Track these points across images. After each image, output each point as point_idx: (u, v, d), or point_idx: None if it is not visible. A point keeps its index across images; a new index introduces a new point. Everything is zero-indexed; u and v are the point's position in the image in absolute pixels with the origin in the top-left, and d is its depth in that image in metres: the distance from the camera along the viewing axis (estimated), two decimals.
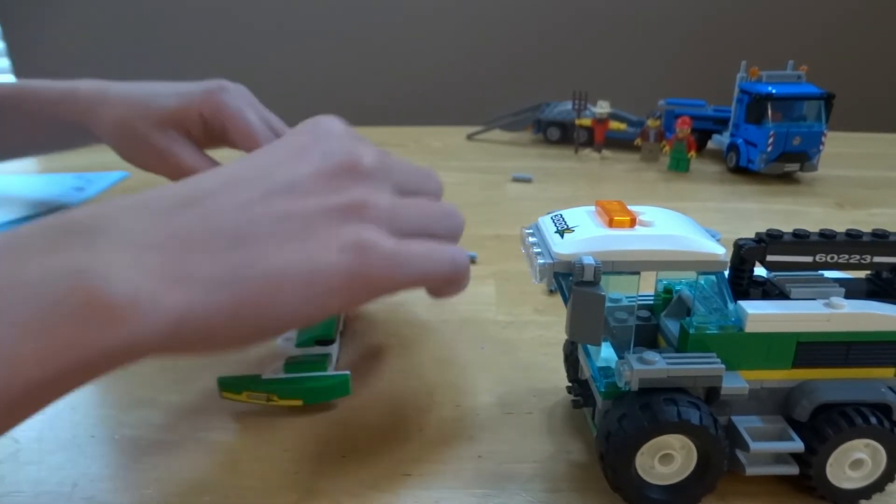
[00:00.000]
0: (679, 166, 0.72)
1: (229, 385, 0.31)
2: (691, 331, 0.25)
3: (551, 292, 0.43)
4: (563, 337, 0.32)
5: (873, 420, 0.24)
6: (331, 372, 0.33)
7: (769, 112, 0.66)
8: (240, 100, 0.48)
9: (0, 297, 0.20)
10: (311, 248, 0.26)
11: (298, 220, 0.27)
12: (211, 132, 0.50)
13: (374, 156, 0.30)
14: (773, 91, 0.66)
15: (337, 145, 0.30)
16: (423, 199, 0.31)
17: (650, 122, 0.75)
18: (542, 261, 0.24)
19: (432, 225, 0.31)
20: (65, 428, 0.30)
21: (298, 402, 0.31)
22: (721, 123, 0.77)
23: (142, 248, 0.23)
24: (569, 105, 0.82)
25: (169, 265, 0.23)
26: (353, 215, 0.28)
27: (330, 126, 0.32)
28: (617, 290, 0.28)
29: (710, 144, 0.79)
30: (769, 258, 0.25)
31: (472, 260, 0.48)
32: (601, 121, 0.77)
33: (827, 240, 0.25)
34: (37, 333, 0.20)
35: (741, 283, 0.26)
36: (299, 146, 0.30)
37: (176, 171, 0.49)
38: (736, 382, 0.24)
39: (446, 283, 0.30)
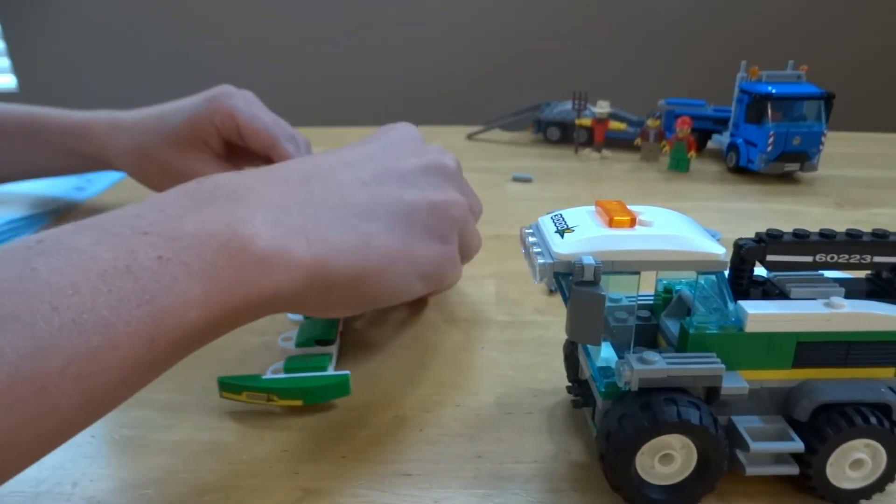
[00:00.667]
0: (679, 166, 0.72)
1: (229, 385, 0.31)
2: (691, 331, 0.25)
3: (551, 292, 0.43)
4: (563, 337, 0.32)
5: (873, 420, 0.24)
6: (331, 372, 0.33)
7: (769, 112, 0.66)
8: (248, 103, 0.48)
9: (167, 247, 0.23)
10: (417, 235, 0.31)
11: (407, 207, 0.30)
12: (228, 138, 0.50)
13: (454, 160, 0.35)
14: (773, 91, 0.66)
15: (423, 146, 0.35)
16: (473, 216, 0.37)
17: (650, 122, 0.75)
18: (542, 261, 0.24)
19: (472, 236, 0.36)
20: None
21: (298, 402, 0.31)
22: (721, 123, 0.77)
23: (277, 209, 0.26)
24: (569, 105, 0.81)
25: (300, 224, 0.26)
26: (445, 213, 0.32)
27: (413, 130, 0.36)
28: (617, 290, 0.28)
29: (710, 144, 0.79)
30: (769, 258, 0.25)
31: None
32: (601, 121, 0.77)
33: (827, 240, 0.25)
34: (204, 277, 0.23)
35: (741, 283, 0.26)
36: (394, 142, 0.34)
37: None
38: (736, 382, 0.24)
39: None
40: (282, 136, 0.48)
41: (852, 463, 0.25)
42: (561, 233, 0.25)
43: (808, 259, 0.25)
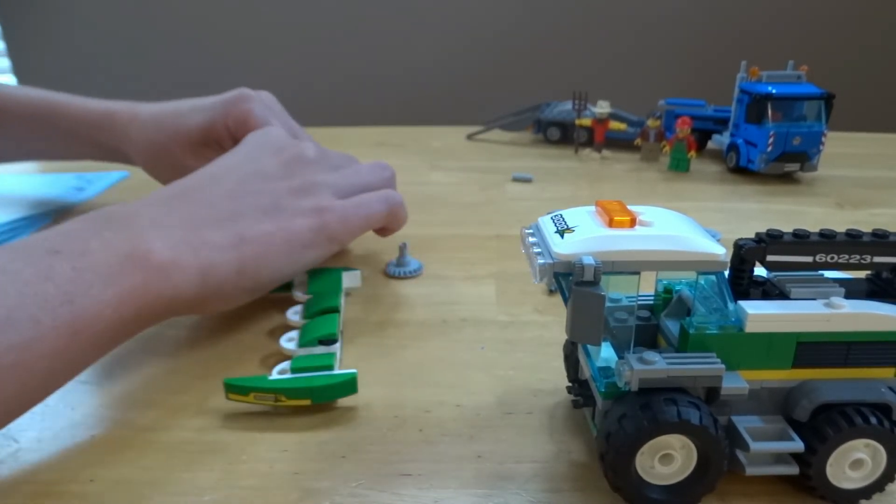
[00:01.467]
0: (679, 166, 0.72)
1: (235, 387, 0.31)
2: (691, 331, 0.25)
3: (551, 292, 0.43)
4: (563, 337, 0.32)
5: (873, 420, 0.24)
6: (337, 371, 0.32)
7: (769, 112, 0.66)
8: (264, 108, 0.48)
9: (79, 261, 0.28)
10: (285, 216, 0.37)
11: (269, 197, 0.37)
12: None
13: (314, 147, 0.42)
14: (773, 91, 0.66)
15: (285, 142, 0.41)
16: (353, 168, 0.44)
17: (650, 122, 0.75)
18: (542, 261, 0.24)
19: (368, 182, 0.43)
20: (65, 428, 0.30)
21: (307, 402, 0.31)
22: (721, 123, 0.77)
23: (166, 228, 0.32)
24: (569, 105, 0.81)
25: (187, 237, 0.32)
26: (308, 191, 0.39)
27: (276, 131, 0.42)
28: (617, 290, 0.28)
29: (710, 144, 0.79)
30: (769, 258, 0.25)
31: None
32: (601, 121, 0.77)
33: (827, 240, 0.25)
34: (114, 282, 0.29)
35: (741, 283, 0.26)
36: (256, 145, 0.41)
37: None
38: (736, 382, 0.24)
39: (387, 218, 0.43)
40: None
41: (852, 463, 0.25)
42: (561, 233, 0.25)
43: (808, 259, 0.25)
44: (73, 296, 0.27)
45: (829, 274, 0.27)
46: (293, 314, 0.38)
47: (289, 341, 0.35)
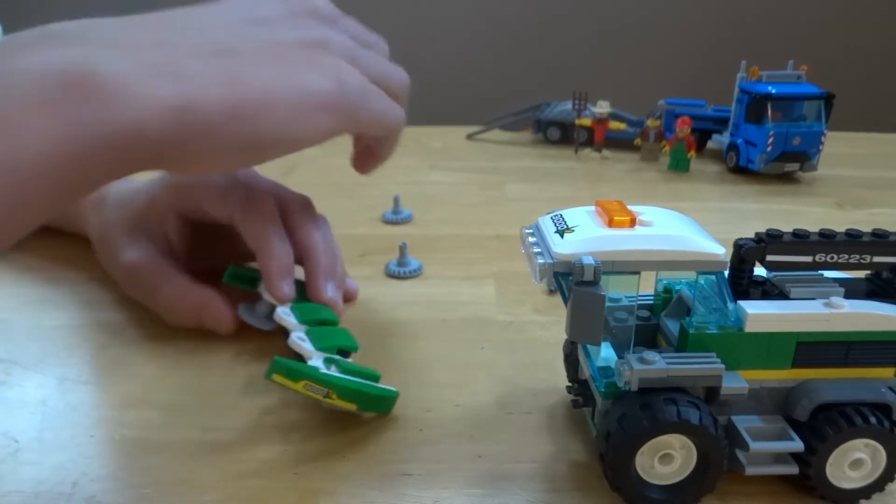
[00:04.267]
0: (679, 166, 0.72)
1: (287, 369, 0.28)
2: (691, 331, 0.25)
3: (551, 292, 0.43)
4: (563, 337, 0.32)
5: (873, 420, 0.24)
6: (383, 385, 0.31)
7: (769, 112, 0.66)
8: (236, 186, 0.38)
9: (4, 79, 0.21)
10: (298, 69, 0.28)
11: (278, 46, 0.28)
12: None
13: (327, 2, 0.33)
14: (773, 91, 0.66)
15: None
16: (374, 52, 0.34)
17: (650, 122, 0.75)
18: (542, 261, 0.24)
19: (386, 76, 0.33)
20: (65, 428, 0.30)
21: (353, 407, 0.29)
22: (721, 123, 0.77)
23: (128, 48, 0.24)
24: (569, 105, 0.81)
25: (157, 62, 0.24)
26: (323, 49, 0.30)
27: None
28: (617, 290, 0.28)
29: (710, 144, 0.79)
30: (769, 258, 0.25)
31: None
32: (601, 121, 0.77)
33: (827, 240, 0.25)
34: (39, 109, 0.21)
35: (741, 283, 0.26)
36: None
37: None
38: (736, 382, 0.24)
39: (392, 132, 0.35)
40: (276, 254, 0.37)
41: (852, 463, 0.25)
42: (561, 233, 0.25)
43: (808, 259, 0.25)
44: None
45: (828, 274, 0.27)
46: (285, 314, 0.35)
47: (301, 341, 0.33)
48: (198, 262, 0.41)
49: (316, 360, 0.31)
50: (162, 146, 0.24)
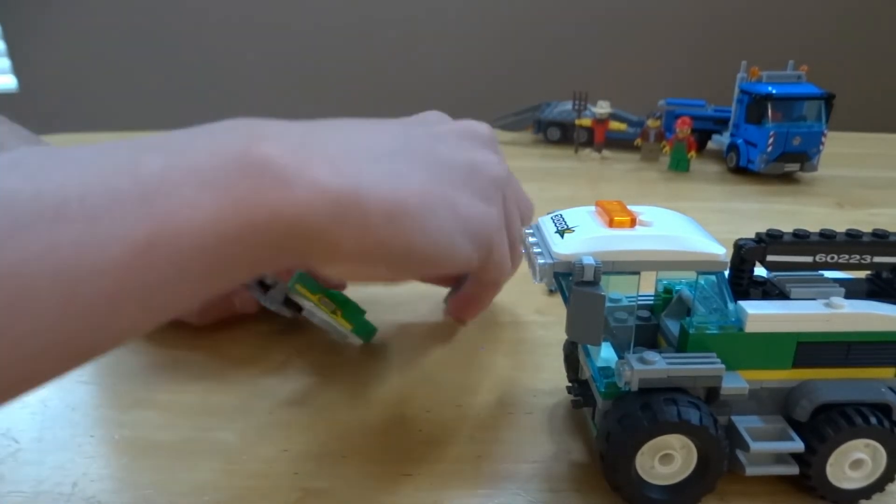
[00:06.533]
0: (679, 166, 0.72)
1: (309, 282, 0.34)
2: (691, 331, 0.25)
3: (551, 292, 0.43)
4: (563, 337, 0.32)
5: (873, 420, 0.24)
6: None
7: (769, 112, 0.66)
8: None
9: (175, 159, 0.21)
10: (456, 185, 0.27)
11: (443, 158, 0.27)
12: None
13: (489, 128, 0.32)
14: (773, 91, 0.66)
15: (454, 120, 0.32)
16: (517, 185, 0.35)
17: (650, 122, 0.75)
18: (542, 261, 0.24)
19: (522, 217, 0.33)
20: (65, 428, 0.30)
21: (349, 328, 0.35)
22: (721, 123, 0.77)
23: (305, 138, 0.24)
24: (569, 105, 0.81)
25: (329, 156, 0.24)
26: (485, 170, 0.29)
27: (440, 113, 0.34)
28: (617, 290, 0.28)
29: (710, 144, 0.79)
30: (769, 258, 0.25)
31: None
32: (601, 121, 0.77)
33: (827, 240, 0.25)
34: (215, 186, 0.21)
35: (741, 283, 0.26)
36: (422, 117, 0.32)
37: None
38: (736, 382, 0.24)
39: (504, 280, 0.33)
40: None
41: (852, 463, 0.25)
42: (561, 233, 0.25)
43: (808, 259, 0.25)
44: (154, 194, 0.20)
45: (829, 274, 0.27)
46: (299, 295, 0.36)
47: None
48: None
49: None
50: (317, 235, 0.23)
